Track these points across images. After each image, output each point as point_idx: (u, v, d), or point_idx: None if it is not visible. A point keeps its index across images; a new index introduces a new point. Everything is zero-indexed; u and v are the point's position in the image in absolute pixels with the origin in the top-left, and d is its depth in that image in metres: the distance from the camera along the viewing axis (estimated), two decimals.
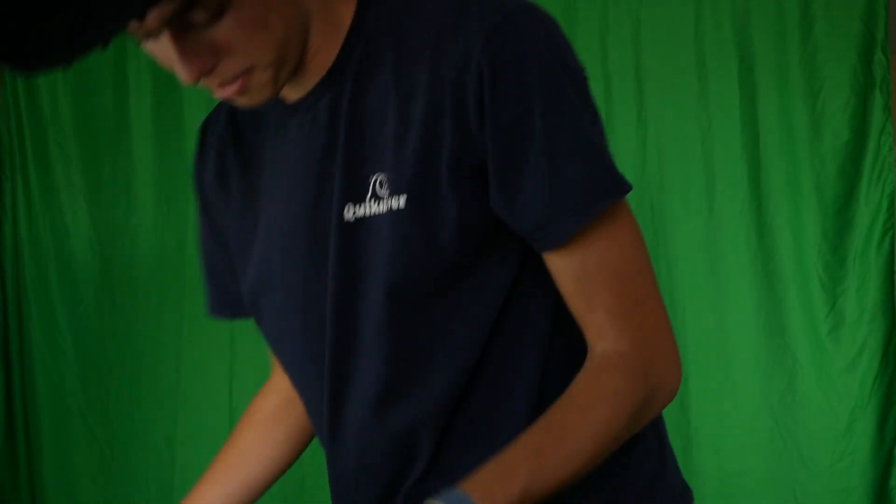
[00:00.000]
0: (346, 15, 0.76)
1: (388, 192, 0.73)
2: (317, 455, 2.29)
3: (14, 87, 2.18)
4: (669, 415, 2.26)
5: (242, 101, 0.73)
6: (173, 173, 2.18)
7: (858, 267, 2.11)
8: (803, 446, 2.11)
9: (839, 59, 2.13)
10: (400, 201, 0.72)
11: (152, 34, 0.64)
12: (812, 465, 2.11)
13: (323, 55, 0.75)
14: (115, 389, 2.16)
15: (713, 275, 2.12)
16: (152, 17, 0.61)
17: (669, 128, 2.15)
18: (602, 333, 0.73)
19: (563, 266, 0.72)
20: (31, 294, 2.16)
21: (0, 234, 2.18)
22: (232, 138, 0.91)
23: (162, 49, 0.66)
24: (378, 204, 0.73)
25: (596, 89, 0.75)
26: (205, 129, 0.95)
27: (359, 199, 0.74)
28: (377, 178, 0.73)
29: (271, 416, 1.01)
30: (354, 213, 0.74)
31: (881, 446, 2.10)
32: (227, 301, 0.96)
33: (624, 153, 2.10)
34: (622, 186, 0.71)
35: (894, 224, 2.11)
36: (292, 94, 0.78)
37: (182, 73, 0.66)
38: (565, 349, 0.78)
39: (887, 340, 2.11)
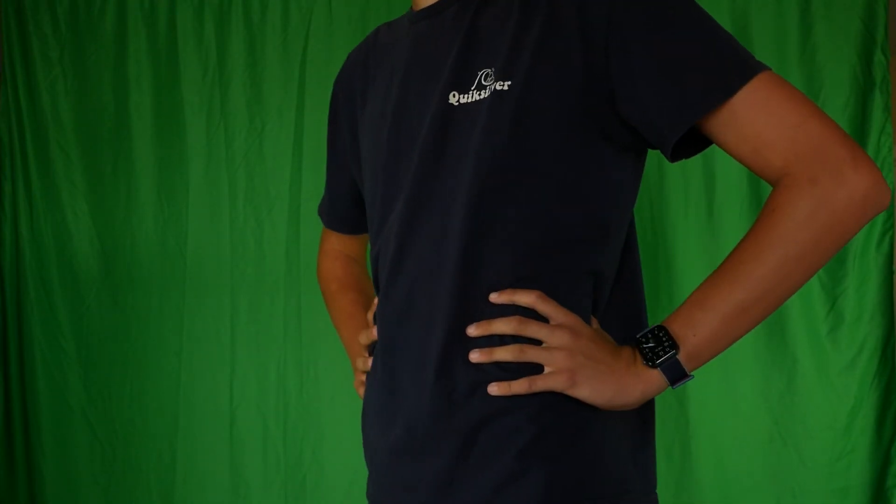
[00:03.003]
0: None
1: (493, 80, 0.85)
2: (317, 455, 2.31)
3: (14, 86, 2.18)
4: (668, 414, 2.25)
5: None
6: (173, 173, 2.19)
7: (858, 267, 2.11)
8: (802, 446, 2.11)
9: (839, 59, 2.13)
10: (504, 85, 0.84)
11: None
12: (811, 465, 2.11)
13: None
14: (117, 389, 2.16)
15: None
16: None
17: None
18: (773, 175, 0.83)
19: (718, 131, 0.84)
20: (32, 294, 2.16)
21: (0, 234, 2.18)
22: (367, 57, 1.08)
23: None
24: (480, 92, 0.86)
25: None
26: (347, 59, 1.15)
27: (464, 89, 0.87)
28: (484, 73, 0.86)
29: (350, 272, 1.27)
30: (458, 99, 0.88)
31: (879, 445, 2.11)
32: (337, 218, 1.26)
33: None
34: (745, 73, 0.81)
35: (894, 224, 2.12)
36: (425, 1, 0.97)
37: None
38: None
39: (886, 340, 2.11)
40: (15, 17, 2.18)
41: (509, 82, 0.84)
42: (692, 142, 0.87)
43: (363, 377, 1.08)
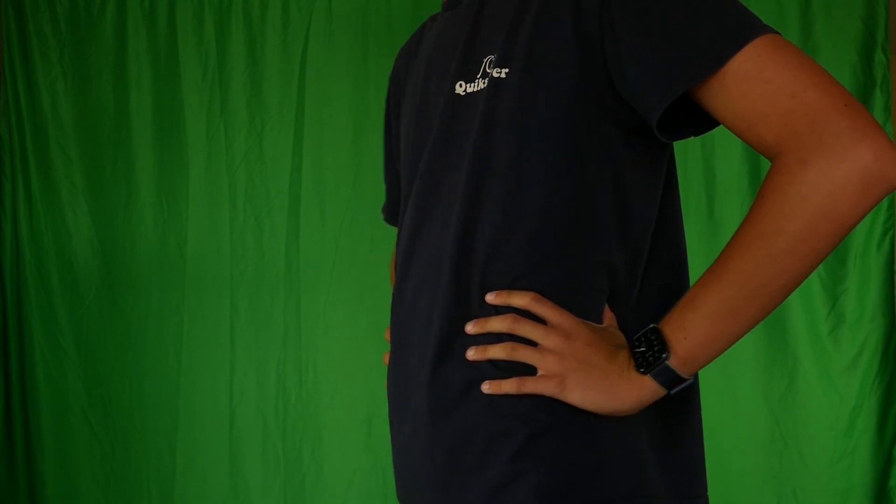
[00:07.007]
0: None
1: (494, 68, 0.83)
2: (316, 455, 2.31)
3: (14, 86, 2.18)
4: None
5: None
6: (173, 173, 2.18)
7: (859, 267, 2.11)
8: (803, 446, 2.11)
9: (839, 59, 2.13)
10: (502, 73, 0.81)
11: None
12: (812, 465, 2.11)
13: None
14: (116, 389, 2.16)
15: None
16: None
17: None
18: (769, 152, 0.74)
19: (713, 105, 0.75)
20: (32, 294, 2.16)
21: (0, 234, 2.18)
22: (410, 50, 1.08)
23: None
24: (484, 80, 0.83)
25: None
26: (398, 53, 1.14)
27: (470, 78, 0.85)
28: (488, 59, 0.84)
29: None
30: (465, 89, 0.85)
31: (881, 446, 2.10)
32: (394, 213, 1.19)
33: None
34: (736, 40, 0.73)
35: (894, 224, 2.11)
36: None
37: None
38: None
39: (887, 340, 2.11)
40: (15, 17, 2.18)
41: (507, 69, 0.81)
42: (698, 119, 0.79)
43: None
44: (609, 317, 0.85)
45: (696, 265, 2.37)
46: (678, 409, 0.88)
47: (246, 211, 2.18)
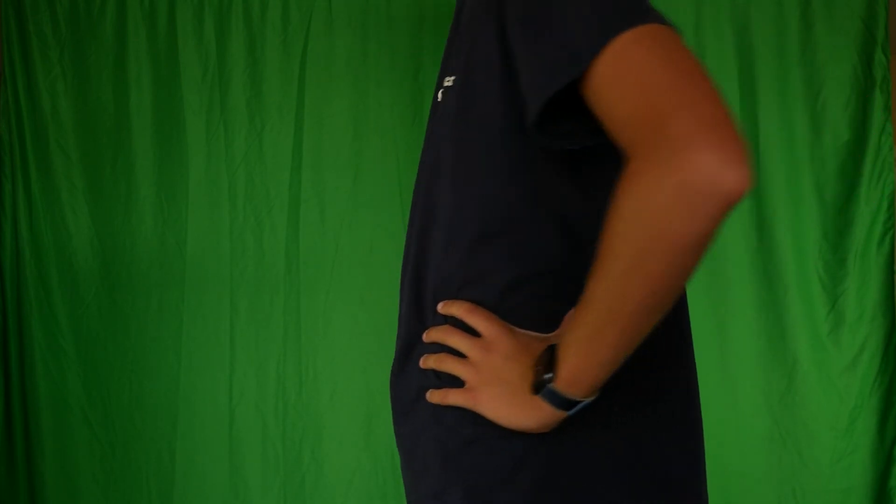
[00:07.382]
0: None
1: (446, 76, 0.84)
2: (316, 454, 2.31)
3: (14, 86, 2.18)
4: None
5: None
6: (173, 173, 2.18)
7: (859, 267, 2.11)
8: (803, 446, 2.11)
9: (839, 59, 2.13)
10: (450, 80, 0.83)
11: None
12: (812, 465, 2.11)
13: None
14: (116, 389, 2.16)
15: (713, 274, 2.12)
16: None
17: None
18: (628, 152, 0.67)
19: (592, 109, 0.69)
20: (32, 294, 2.16)
21: (0, 234, 2.18)
22: None
23: None
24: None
25: None
26: None
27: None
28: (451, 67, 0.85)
29: None
30: (444, 96, 0.86)
31: (881, 446, 2.10)
32: None
33: None
34: (594, 41, 0.66)
35: (894, 224, 2.11)
36: None
37: None
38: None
39: (887, 340, 2.11)
40: (15, 17, 2.18)
41: (454, 77, 0.82)
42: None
43: None
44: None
45: None
46: (667, 413, 0.87)
47: (246, 211, 2.18)
